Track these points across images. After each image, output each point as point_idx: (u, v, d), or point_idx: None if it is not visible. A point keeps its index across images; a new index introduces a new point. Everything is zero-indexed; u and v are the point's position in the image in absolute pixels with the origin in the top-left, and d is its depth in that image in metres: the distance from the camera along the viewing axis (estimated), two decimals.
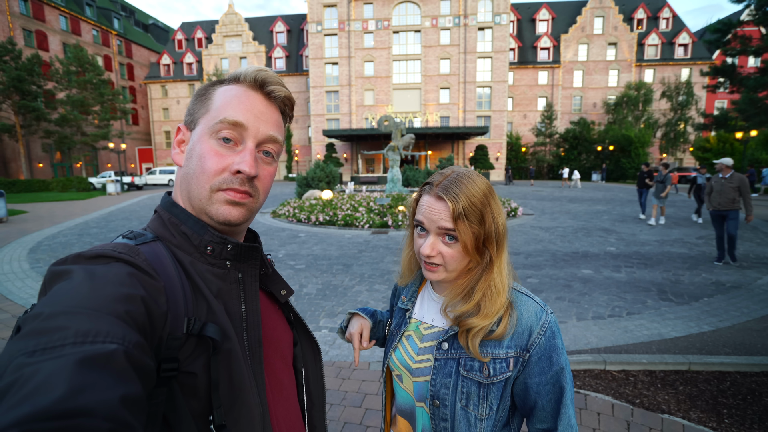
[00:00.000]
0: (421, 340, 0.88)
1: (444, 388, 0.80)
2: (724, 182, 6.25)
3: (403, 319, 0.94)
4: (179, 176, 0.63)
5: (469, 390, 0.79)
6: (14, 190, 26.70)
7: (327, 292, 5.13)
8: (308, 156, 42.78)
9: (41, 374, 0.34)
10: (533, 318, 0.79)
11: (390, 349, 0.94)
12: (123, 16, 46.64)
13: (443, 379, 0.81)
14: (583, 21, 40.75)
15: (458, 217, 0.75)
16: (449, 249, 0.79)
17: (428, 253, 0.79)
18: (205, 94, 0.62)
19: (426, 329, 0.89)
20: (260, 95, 0.63)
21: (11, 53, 28.69)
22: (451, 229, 0.77)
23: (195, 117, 0.62)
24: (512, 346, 0.78)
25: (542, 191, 23.01)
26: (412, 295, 0.96)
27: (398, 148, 15.01)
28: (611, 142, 36.21)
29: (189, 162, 0.60)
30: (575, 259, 6.73)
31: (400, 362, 0.89)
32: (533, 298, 0.82)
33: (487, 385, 0.78)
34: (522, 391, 0.80)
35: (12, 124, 30.44)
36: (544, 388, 0.77)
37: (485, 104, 37.99)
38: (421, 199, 0.83)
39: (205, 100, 0.62)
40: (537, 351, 0.77)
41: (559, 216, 12.32)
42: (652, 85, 39.70)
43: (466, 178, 0.79)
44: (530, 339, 0.77)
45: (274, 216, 12.25)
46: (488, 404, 0.78)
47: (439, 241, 0.79)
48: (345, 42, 37.96)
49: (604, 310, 4.42)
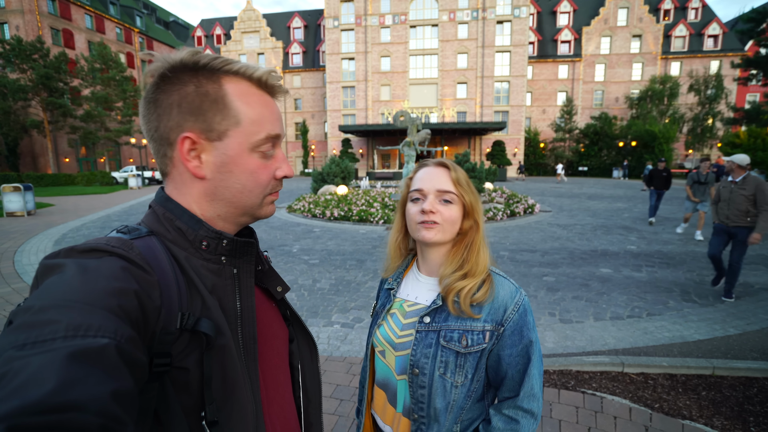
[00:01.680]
0: (405, 316, 0.95)
1: (424, 358, 0.88)
2: (734, 188, 4.54)
3: (388, 298, 1.01)
4: (200, 189, 0.59)
5: (448, 359, 0.86)
6: (42, 184, 27.79)
7: (340, 287, 5.14)
8: (324, 151, 42.97)
9: (31, 368, 0.33)
10: (508, 296, 0.88)
11: (374, 326, 1.00)
12: (145, 14, 47.65)
13: (424, 349, 0.88)
14: (606, 13, 39.49)
15: (457, 182, 0.90)
16: (447, 209, 0.90)
17: (429, 208, 0.88)
18: (216, 96, 0.57)
19: (410, 306, 0.96)
20: (270, 96, 0.64)
21: (40, 51, 29.78)
22: (451, 190, 0.89)
23: (216, 128, 0.57)
24: (489, 320, 0.86)
25: (561, 188, 22.53)
26: (397, 276, 1.03)
27: (414, 143, 14.88)
28: (634, 138, 35.10)
29: (226, 176, 0.59)
30: (594, 258, 6.56)
31: (384, 338, 0.96)
32: (509, 280, 0.92)
33: (464, 355, 0.86)
34: (495, 363, 0.88)
35: (40, 120, 31.62)
36: (514, 360, 0.86)
37: (503, 99, 37.34)
38: (418, 173, 0.94)
39: (221, 105, 0.57)
40: (510, 325, 0.86)
41: (578, 213, 12.04)
42: (679, 78, 38.26)
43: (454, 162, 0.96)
44: (505, 314, 0.86)
45: (289, 211, 12.36)
46: (464, 372, 0.87)
47: (437, 201, 0.90)
48: (362, 37, 37.84)
49: (622, 310, 4.29)
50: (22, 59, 29.21)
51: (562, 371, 3.03)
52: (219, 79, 0.58)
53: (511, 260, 6.44)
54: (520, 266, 6.08)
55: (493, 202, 12.67)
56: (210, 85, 0.57)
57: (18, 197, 11.67)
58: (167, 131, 0.57)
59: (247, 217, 0.64)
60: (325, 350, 3.43)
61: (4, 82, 29.02)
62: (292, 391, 0.75)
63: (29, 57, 29.35)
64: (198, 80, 0.57)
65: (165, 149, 0.58)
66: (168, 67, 0.56)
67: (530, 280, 5.35)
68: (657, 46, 38.99)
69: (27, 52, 29.21)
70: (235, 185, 0.60)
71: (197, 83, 0.56)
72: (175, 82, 0.56)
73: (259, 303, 0.68)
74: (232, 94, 0.58)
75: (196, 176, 0.58)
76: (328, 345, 3.54)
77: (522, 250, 7.18)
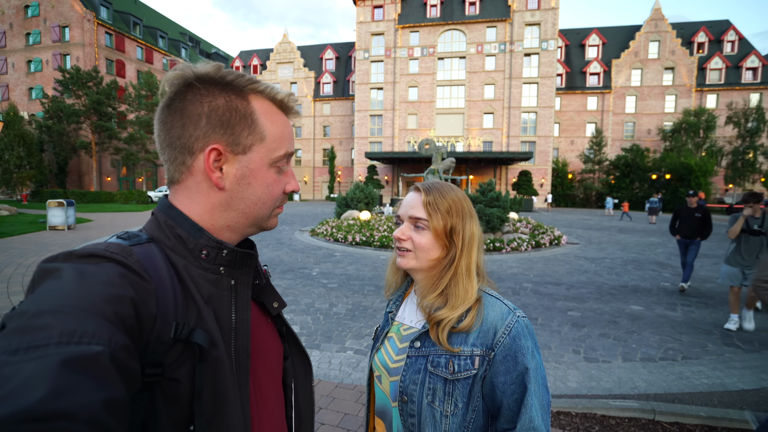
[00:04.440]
0: (401, 340, 0.92)
1: (412, 384, 0.84)
2: None
3: (387, 321, 0.99)
4: (216, 199, 0.60)
5: (436, 386, 0.82)
6: (84, 201, 29.58)
7: (356, 312, 5.07)
8: (350, 177, 43.75)
9: (22, 374, 0.33)
10: (498, 318, 0.82)
11: (374, 350, 0.98)
12: (190, 46, 51.27)
13: (412, 375, 0.85)
14: (636, 46, 39.30)
15: (427, 204, 0.87)
16: (419, 236, 0.87)
17: (398, 236, 0.89)
18: (245, 113, 0.59)
19: (405, 330, 0.93)
20: (287, 116, 0.67)
21: (94, 79, 32.46)
22: (422, 217, 0.87)
23: (243, 142, 0.59)
24: (477, 344, 0.81)
25: (590, 220, 21.82)
26: (397, 299, 1.01)
27: (438, 171, 14.95)
28: (668, 171, 33.90)
29: (244, 188, 0.61)
30: (623, 294, 6.22)
31: (380, 363, 0.93)
32: (503, 301, 0.87)
33: (452, 381, 0.81)
34: (490, 391, 0.82)
35: (89, 141, 34.07)
36: (509, 388, 0.79)
37: (530, 129, 37.21)
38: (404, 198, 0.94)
39: (249, 122, 0.60)
40: (502, 350, 0.80)
41: (607, 246, 11.56)
42: (715, 110, 37.09)
43: (446, 185, 0.92)
44: (495, 338, 0.81)
45: (312, 234, 12.51)
46: (453, 401, 0.81)
47: (410, 227, 0.89)
48: (390, 68, 39.11)
49: (655, 351, 4.00)
50: (79, 86, 31.89)
51: (586, 414, 2.82)
52: (247, 96, 0.60)
53: (535, 293, 6.20)
54: (543, 299, 5.83)
55: (518, 232, 12.39)
56: (239, 102, 0.59)
57: (61, 212, 12.39)
58: (192, 140, 0.57)
59: (255, 228, 0.66)
60: (336, 377, 3.36)
61: (62, 107, 31.69)
62: (285, 410, 0.73)
63: (84, 84, 32.02)
64: (228, 95, 0.58)
65: (185, 158, 0.58)
66: (195, 77, 0.57)
67: (554, 314, 5.11)
68: (691, 79, 38.20)
69: (83, 80, 31.91)
70: (251, 197, 0.62)
71: (227, 98, 0.58)
72: (204, 94, 0.57)
73: (255, 317, 0.67)
74: (259, 112, 0.61)
75: (217, 186, 0.59)
76: (339, 371, 3.46)
77: (546, 282, 6.91)
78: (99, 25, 37.36)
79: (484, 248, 0.70)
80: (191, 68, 0.58)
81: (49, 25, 37.56)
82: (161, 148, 0.60)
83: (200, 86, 0.57)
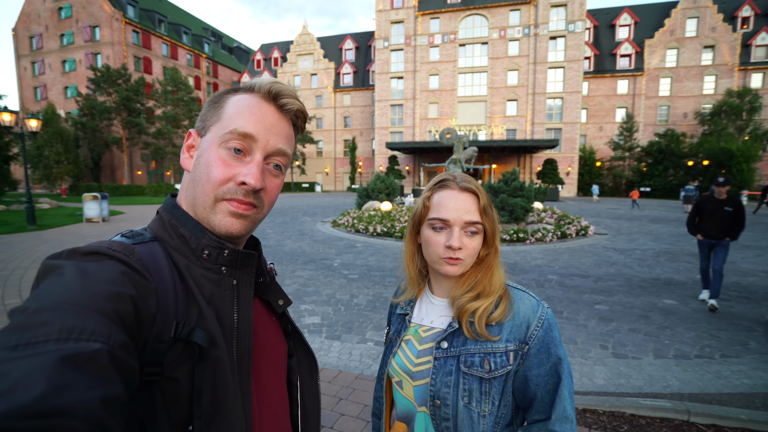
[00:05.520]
0: (420, 342, 0.88)
1: (445, 387, 0.81)
2: None
3: (402, 324, 0.94)
4: (186, 181, 0.62)
5: (471, 386, 0.79)
6: (117, 194, 30.93)
7: (377, 303, 5.07)
8: (371, 168, 43.71)
9: (21, 370, 0.33)
10: (530, 311, 0.81)
11: (389, 355, 0.92)
12: (212, 41, 52.18)
13: (443, 377, 0.81)
14: (672, 24, 37.05)
15: (484, 211, 0.82)
16: (472, 241, 0.82)
17: (458, 245, 0.80)
18: (219, 101, 0.62)
19: (425, 331, 0.88)
20: (273, 107, 0.63)
21: (123, 77, 33.65)
22: (478, 221, 0.81)
23: (206, 124, 0.61)
24: (511, 339, 0.79)
25: (619, 209, 21.00)
26: (410, 300, 0.94)
27: (460, 161, 14.68)
28: (706, 156, 32.10)
29: (196, 168, 0.60)
30: (655, 287, 5.95)
31: (400, 367, 0.88)
32: (528, 293, 0.85)
33: (488, 380, 0.79)
34: (522, 384, 0.80)
35: (120, 137, 35.49)
36: (543, 380, 0.78)
37: (556, 116, 35.98)
38: (437, 196, 0.84)
39: (217, 107, 0.61)
40: (536, 343, 0.79)
41: (638, 237, 11.08)
42: (760, 90, 34.68)
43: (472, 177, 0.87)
44: (528, 331, 0.80)
45: (333, 225, 12.60)
46: (490, 399, 0.79)
47: (463, 234, 0.82)
48: (411, 56, 38.53)
49: (690, 348, 3.80)
50: (109, 84, 33.16)
51: (614, 413, 2.70)
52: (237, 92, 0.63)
53: (560, 285, 6.01)
54: (569, 292, 5.65)
55: (542, 222, 12.05)
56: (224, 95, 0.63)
57: (96, 205, 12.98)
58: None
59: (205, 222, 0.59)
60: (356, 368, 3.36)
61: (94, 104, 33.06)
62: (290, 408, 0.72)
63: (114, 82, 33.27)
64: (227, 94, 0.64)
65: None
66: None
67: (580, 308, 4.94)
68: (734, 57, 35.76)
69: (113, 78, 33.14)
70: (195, 177, 0.60)
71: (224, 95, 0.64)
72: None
73: (259, 316, 0.67)
74: (231, 99, 0.61)
75: (185, 169, 0.62)
76: (360, 363, 3.46)
77: (572, 274, 6.69)
78: (126, 24, 38.54)
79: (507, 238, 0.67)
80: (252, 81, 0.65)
81: (81, 25, 39.02)
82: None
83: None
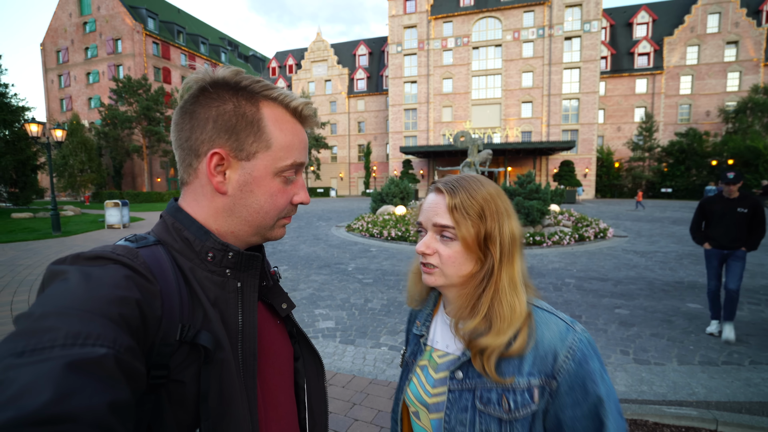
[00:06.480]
0: (436, 370, 0.77)
1: (460, 426, 0.69)
2: None
3: (418, 346, 0.84)
4: (219, 204, 0.60)
5: (489, 428, 0.67)
6: (138, 201, 31.87)
7: (391, 308, 5.05)
8: (386, 172, 43.85)
9: (28, 377, 0.33)
10: (556, 338, 0.66)
11: (405, 381, 0.82)
12: (229, 50, 53.43)
13: (458, 414, 0.70)
14: (692, 20, 36.16)
15: (454, 209, 0.69)
16: (447, 248, 0.71)
17: (422, 250, 0.72)
18: (252, 118, 0.58)
19: (440, 357, 0.78)
20: (301, 126, 0.65)
21: (144, 87, 34.76)
22: (448, 225, 0.70)
23: (247, 148, 0.59)
24: (535, 372, 0.66)
25: (639, 211, 20.46)
26: (426, 319, 0.85)
27: (474, 164, 14.59)
28: (730, 156, 31.05)
29: (246, 195, 0.60)
30: (678, 291, 5.75)
31: (415, 398, 0.78)
32: (557, 315, 0.70)
33: (509, 422, 0.66)
34: (555, 427, 0.66)
35: (140, 145, 36.59)
36: (580, 423, 0.63)
37: (572, 117, 35.44)
38: (425, 199, 0.77)
39: (255, 128, 0.58)
40: (566, 378, 0.64)
41: (659, 239, 10.77)
42: None
43: (473, 179, 0.74)
44: (556, 364, 0.65)
45: (348, 230, 12.65)
46: None
47: (436, 239, 0.72)
48: (424, 60, 38.60)
49: (716, 354, 3.66)
50: (130, 94, 34.28)
51: (636, 421, 2.62)
52: (258, 102, 0.59)
53: (578, 288, 5.88)
54: (587, 296, 5.52)
55: (560, 225, 11.84)
56: (248, 107, 0.58)
57: (117, 212, 13.36)
58: (198, 143, 0.58)
59: (258, 237, 0.64)
60: (370, 372, 3.35)
61: (116, 114, 34.23)
62: (297, 411, 0.73)
63: (135, 92, 34.39)
64: (237, 100, 0.58)
65: (191, 160, 0.59)
66: (210, 82, 0.58)
67: (599, 312, 4.82)
68: (759, 52, 34.63)
69: (134, 88, 34.26)
70: (253, 205, 0.61)
71: (236, 103, 0.58)
72: (214, 98, 0.58)
73: (263, 319, 0.67)
74: (268, 119, 0.59)
75: (218, 191, 0.59)
76: (374, 367, 3.45)
77: (591, 278, 6.54)
78: (147, 36, 39.83)
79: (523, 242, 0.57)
80: (208, 73, 0.58)
81: (104, 38, 40.56)
82: (174, 149, 0.62)
83: (212, 90, 0.58)
